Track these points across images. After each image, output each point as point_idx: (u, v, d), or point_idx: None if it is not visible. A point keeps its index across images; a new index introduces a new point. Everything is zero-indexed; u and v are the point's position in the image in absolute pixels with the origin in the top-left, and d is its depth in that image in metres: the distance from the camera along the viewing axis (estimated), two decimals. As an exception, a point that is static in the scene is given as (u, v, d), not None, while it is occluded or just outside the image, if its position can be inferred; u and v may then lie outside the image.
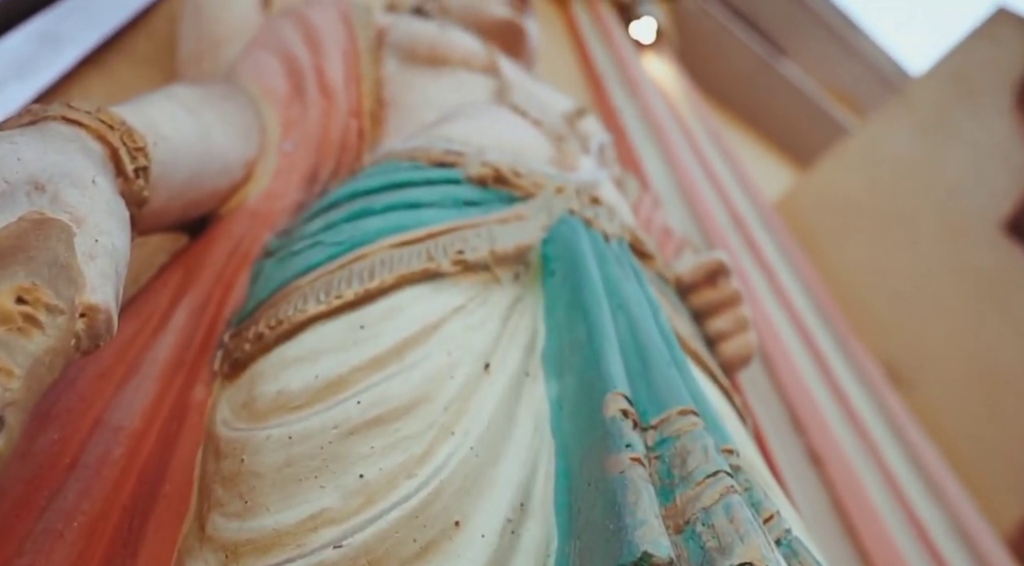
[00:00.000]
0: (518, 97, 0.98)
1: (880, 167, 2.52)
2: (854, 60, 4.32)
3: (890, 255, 2.47)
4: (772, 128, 4.06)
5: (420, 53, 1.00)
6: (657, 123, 2.33)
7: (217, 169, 0.68)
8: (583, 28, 2.79)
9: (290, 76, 0.88)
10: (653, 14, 2.99)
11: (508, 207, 0.72)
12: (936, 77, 2.37)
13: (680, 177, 2.10)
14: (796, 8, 4.05)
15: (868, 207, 2.56)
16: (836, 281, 2.59)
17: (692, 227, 1.96)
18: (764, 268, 1.97)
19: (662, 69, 2.98)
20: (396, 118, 0.94)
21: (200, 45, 0.97)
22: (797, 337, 1.76)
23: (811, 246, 2.70)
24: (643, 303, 0.64)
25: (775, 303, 1.87)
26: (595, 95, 2.47)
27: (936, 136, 2.32)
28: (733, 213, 2.12)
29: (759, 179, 3.10)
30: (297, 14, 0.99)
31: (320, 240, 0.63)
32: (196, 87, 0.72)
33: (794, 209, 2.90)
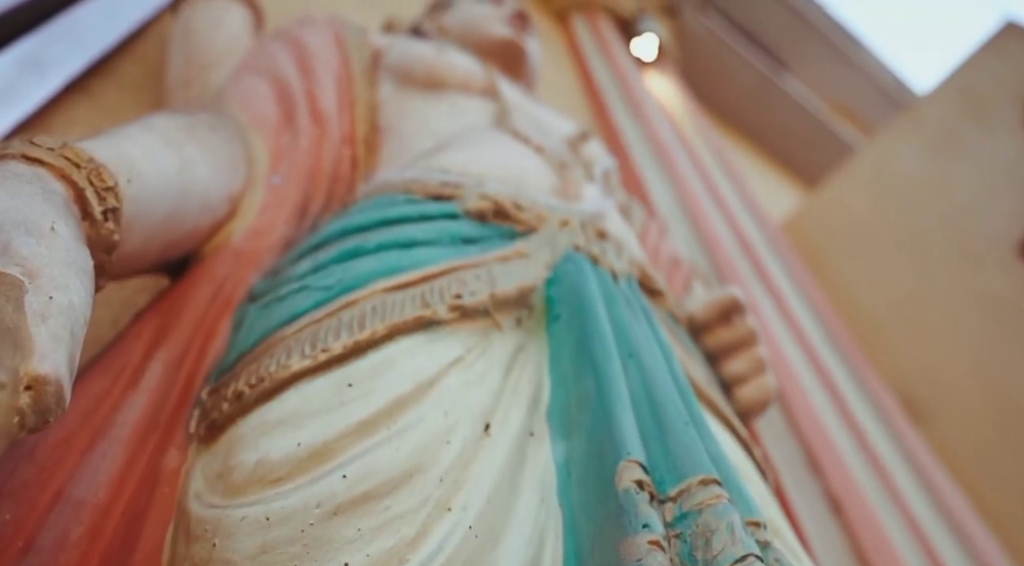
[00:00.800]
0: (519, 121, 0.94)
1: (888, 186, 2.48)
2: (856, 75, 4.31)
3: (901, 279, 2.42)
4: (775, 145, 4.03)
5: (416, 76, 0.96)
6: (661, 143, 2.30)
7: (198, 206, 0.64)
8: (584, 45, 2.77)
9: (280, 102, 0.85)
10: (654, 31, 2.97)
11: (509, 243, 0.67)
12: (944, 94, 2.34)
13: (686, 200, 2.07)
14: (797, 23, 4.04)
15: (877, 228, 2.52)
16: (847, 305, 2.54)
17: (699, 252, 1.91)
18: (775, 296, 1.93)
19: (664, 86, 2.95)
20: (391, 145, 0.90)
21: (189, 70, 0.94)
22: (810, 369, 1.71)
23: (820, 268, 2.65)
24: (655, 350, 0.60)
25: (787, 333, 1.82)
26: (597, 114, 2.44)
27: (945, 154, 2.29)
28: (741, 238, 2.07)
29: (764, 198, 3.07)
30: (289, 36, 0.96)
31: (307, 284, 0.59)
32: (177, 116, 0.68)
33: (801, 230, 2.86)
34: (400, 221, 0.66)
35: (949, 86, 2.33)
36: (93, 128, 0.98)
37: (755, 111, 3.86)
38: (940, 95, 2.36)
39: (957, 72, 2.32)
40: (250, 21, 1.04)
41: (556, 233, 0.70)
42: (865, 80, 4.35)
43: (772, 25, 3.98)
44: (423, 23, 1.38)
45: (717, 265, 1.87)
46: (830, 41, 4.15)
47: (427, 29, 1.34)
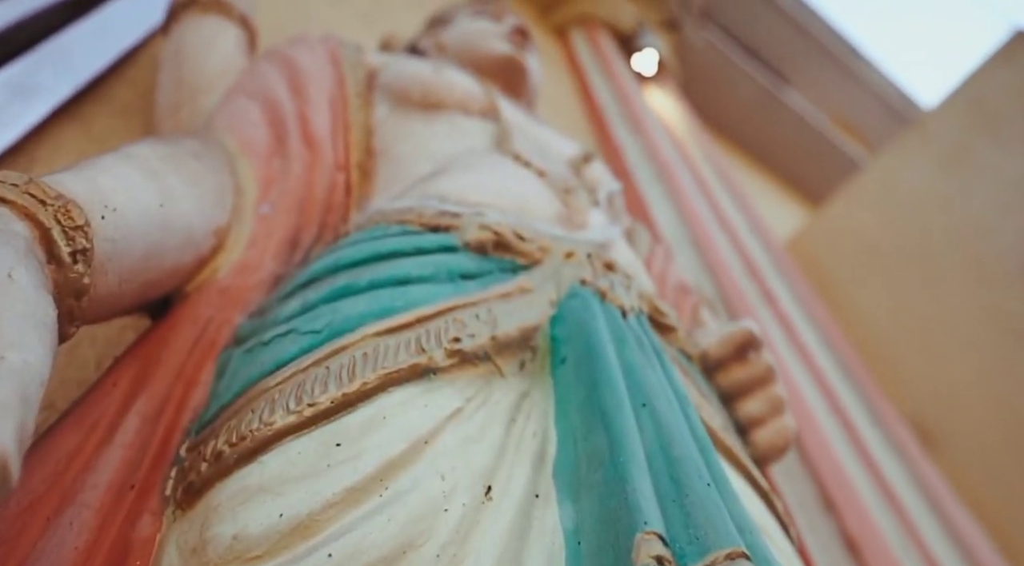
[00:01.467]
0: (520, 144, 0.91)
1: (897, 203, 2.44)
2: (858, 89, 4.29)
3: (913, 298, 2.37)
4: (776, 160, 4.00)
5: (413, 97, 0.93)
6: (664, 162, 2.27)
7: (181, 242, 0.60)
8: (583, 60, 2.74)
9: (271, 126, 0.81)
10: (654, 45, 2.94)
11: (511, 278, 0.63)
12: (952, 107, 2.30)
13: (690, 221, 2.03)
14: (799, 37, 4.03)
15: (885, 246, 2.47)
16: (854, 325, 2.49)
17: (704, 276, 1.87)
18: (783, 322, 1.88)
19: (665, 102, 2.93)
20: (387, 170, 0.86)
21: (178, 94, 0.90)
22: (822, 399, 1.67)
23: (825, 287, 2.61)
24: (670, 397, 0.56)
25: (797, 361, 1.77)
26: (597, 131, 2.41)
27: (957, 169, 2.25)
28: (747, 261, 2.03)
29: (766, 215, 3.03)
30: (281, 56, 0.92)
31: (294, 327, 0.55)
32: (160, 145, 0.64)
33: (806, 248, 2.82)
34: (394, 256, 0.62)
35: (957, 99, 2.30)
36: (82, 155, 0.94)
37: (756, 126, 3.84)
38: (948, 108, 2.32)
39: (965, 84, 2.29)
40: (243, 41, 1.01)
41: (561, 266, 0.66)
42: (868, 94, 4.33)
43: (773, 39, 3.97)
44: (421, 40, 1.35)
45: (723, 289, 1.83)
46: (832, 54, 4.13)
47: (425, 46, 1.31)
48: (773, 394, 0.78)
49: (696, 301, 1.18)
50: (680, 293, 1.17)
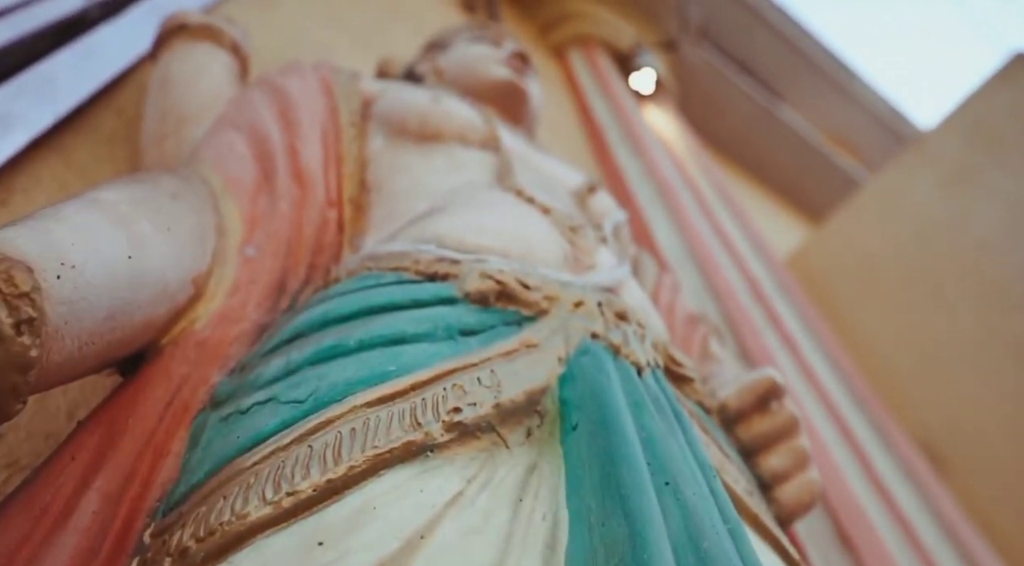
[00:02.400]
0: (522, 177, 0.84)
1: (899, 221, 2.39)
2: (850, 105, 4.26)
3: (919, 317, 2.31)
4: (773, 176, 3.96)
5: (410, 127, 0.87)
6: (664, 181, 2.21)
7: (152, 295, 0.53)
8: (582, 81, 2.70)
9: (259, 161, 0.75)
10: (652, 65, 2.90)
11: (515, 332, 0.57)
12: (953, 127, 2.25)
13: (692, 243, 1.97)
14: (792, 55, 3.99)
15: (889, 264, 2.42)
16: (857, 343, 2.43)
17: (708, 299, 1.81)
18: (788, 343, 1.82)
19: (663, 121, 2.88)
20: (381, 206, 0.80)
21: (164, 125, 0.84)
22: (831, 424, 1.60)
23: (827, 305, 2.55)
24: (695, 472, 0.49)
25: (803, 383, 1.71)
26: (597, 152, 2.36)
27: (959, 188, 2.19)
28: (752, 283, 1.97)
29: (765, 231, 2.98)
30: (271, 84, 0.86)
31: (275, 395, 0.48)
32: (133, 186, 0.58)
33: (807, 265, 2.76)
34: (387, 309, 0.56)
35: (957, 120, 2.25)
36: (63, 186, 0.88)
37: (752, 142, 3.79)
38: (948, 129, 2.27)
39: (965, 105, 2.24)
40: (234, 69, 0.95)
41: (569, 317, 0.59)
42: (859, 109, 4.30)
43: (766, 56, 3.93)
44: (418, 65, 1.29)
45: (728, 312, 1.77)
46: (824, 72, 4.10)
47: (423, 71, 1.26)
48: (797, 447, 0.71)
49: (705, 333, 1.12)
50: (689, 325, 1.11)
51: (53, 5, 1.08)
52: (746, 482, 0.62)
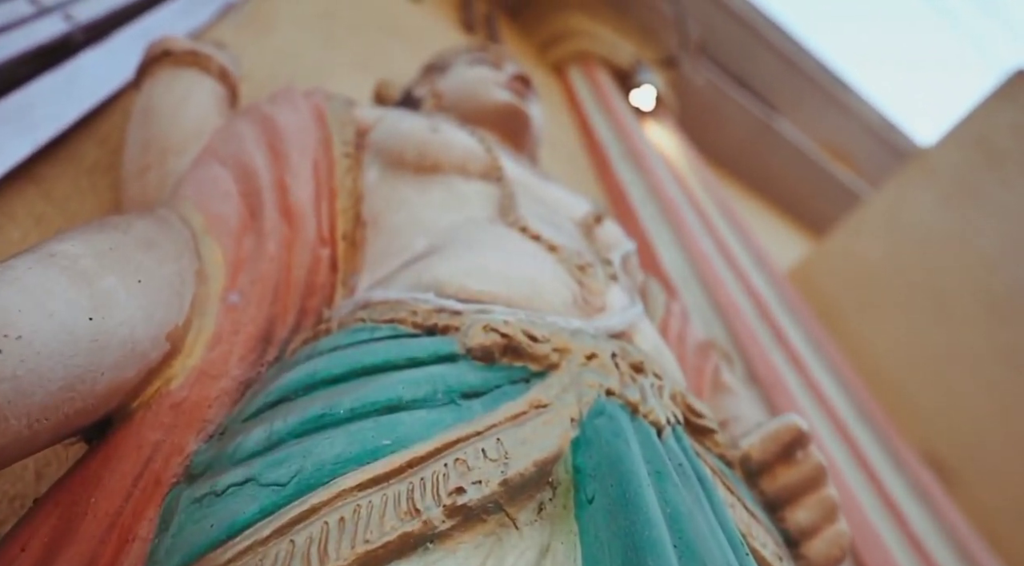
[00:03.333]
0: (526, 210, 0.79)
1: (903, 236, 2.33)
2: (844, 117, 4.22)
3: (923, 331, 2.26)
4: (773, 190, 3.91)
5: (407, 159, 0.81)
6: (667, 199, 2.16)
7: (119, 358, 0.47)
8: (583, 98, 2.65)
9: (245, 197, 0.69)
10: (652, 81, 2.85)
11: (523, 392, 0.51)
12: (956, 142, 2.21)
13: (696, 259, 1.91)
14: (787, 69, 3.96)
15: (892, 278, 2.36)
16: (860, 356, 2.38)
17: (712, 315, 1.75)
18: (794, 361, 1.76)
19: (664, 137, 2.83)
20: (377, 243, 0.74)
21: (146, 156, 0.78)
22: (842, 445, 1.54)
23: (830, 319, 2.50)
24: (726, 553, 0.43)
25: (811, 401, 1.65)
26: (599, 170, 2.31)
27: (963, 204, 2.14)
28: (756, 299, 1.91)
29: (766, 246, 2.92)
30: (260, 114, 0.81)
31: (255, 475, 0.42)
32: (99, 234, 0.52)
33: (808, 278, 2.71)
34: (382, 369, 0.50)
35: (960, 135, 2.20)
36: (40, 220, 0.82)
37: (751, 157, 3.75)
38: (951, 144, 2.23)
39: (967, 121, 2.20)
40: (222, 97, 0.90)
41: (582, 372, 0.53)
42: (855, 122, 4.26)
43: (763, 70, 3.89)
44: (416, 88, 1.24)
45: (734, 332, 1.71)
46: (820, 85, 4.07)
47: (421, 95, 1.20)
48: (825, 498, 0.65)
49: (716, 363, 1.06)
50: (700, 355, 1.05)
51: (35, 29, 1.02)
52: (774, 545, 0.56)
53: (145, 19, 1.21)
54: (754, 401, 1.44)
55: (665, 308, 1.06)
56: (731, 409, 0.93)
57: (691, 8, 3.04)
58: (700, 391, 0.99)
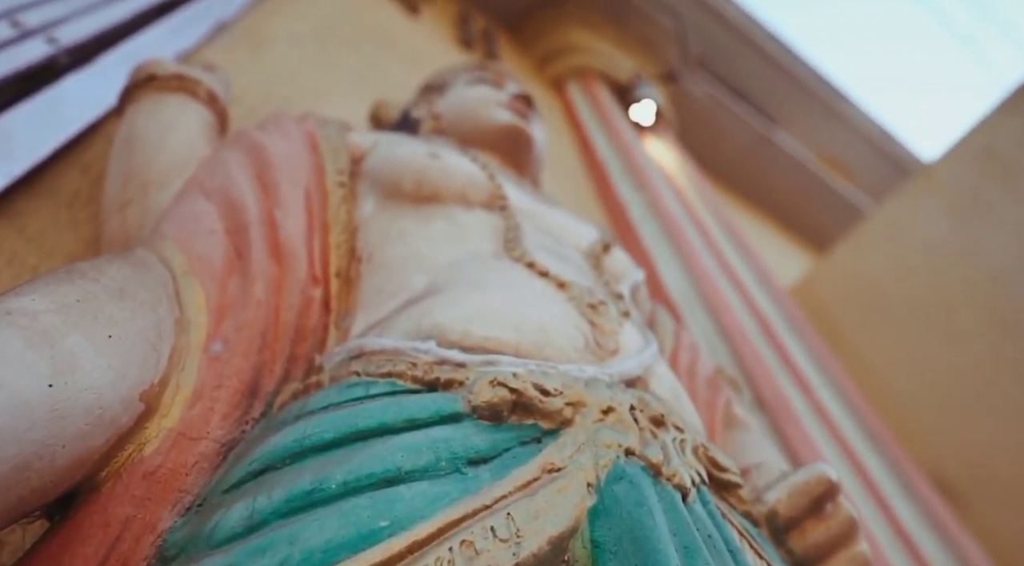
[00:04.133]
0: (532, 241, 0.74)
1: (908, 251, 2.29)
2: (843, 129, 4.19)
3: (930, 349, 2.21)
4: (774, 203, 3.87)
5: (405, 188, 0.76)
6: (668, 217, 2.11)
7: (84, 427, 0.42)
8: (582, 114, 2.61)
9: (231, 235, 0.64)
10: (652, 96, 2.81)
11: (534, 454, 0.46)
12: (962, 155, 2.16)
13: (699, 280, 1.86)
14: (785, 80, 3.93)
15: (898, 295, 2.32)
16: (864, 374, 2.33)
17: (717, 338, 1.70)
18: (800, 383, 1.71)
19: (664, 152, 2.79)
20: (373, 279, 0.69)
21: (127, 189, 0.73)
22: (854, 475, 1.49)
23: (833, 335, 2.45)
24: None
25: (818, 424, 1.60)
26: (599, 187, 2.27)
27: (970, 217, 2.10)
28: (760, 320, 1.87)
29: (767, 260, 2.88)
30: (250, 142, 0.76)
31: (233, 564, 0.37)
32: (66, 285, 0.47)
33: (811, 294, 2.66)
34: (378, 433, 0.44)
35: (967, 147, 2.16)
36: (12, 259, 0.77)
37: (750, 170, 3.71)
38: (958, 156, 2.18)
39: (974, 133, 2.16)
40: (211, 124, 0.85)
41: (598, 429, 0.48)
42: (854, 134, 4.23)
43: (760, 82, 3.86)
44: (414, 109, 1.19)
45: (739, 354, 1.66)
46: (818, 97, 4.04)
47: (419, 116, 1.16)
48: (857, 554, 0.60)
49: (728, 397, 1.01)
50: (711, 389, 0.99)
51: (17, 52, 0.98)
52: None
53: (132, 40, 1.16)
54: (767, 437, 1.39)
55: (674, 338, 1.01)
56: (749, 450, 0.89)
57: (690, 21, 3.01)
58: (712, 426, 0.94)
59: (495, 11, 2.80)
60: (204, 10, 1.37)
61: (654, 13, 2.83)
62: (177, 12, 1.33)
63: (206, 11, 1.37)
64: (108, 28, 1.17)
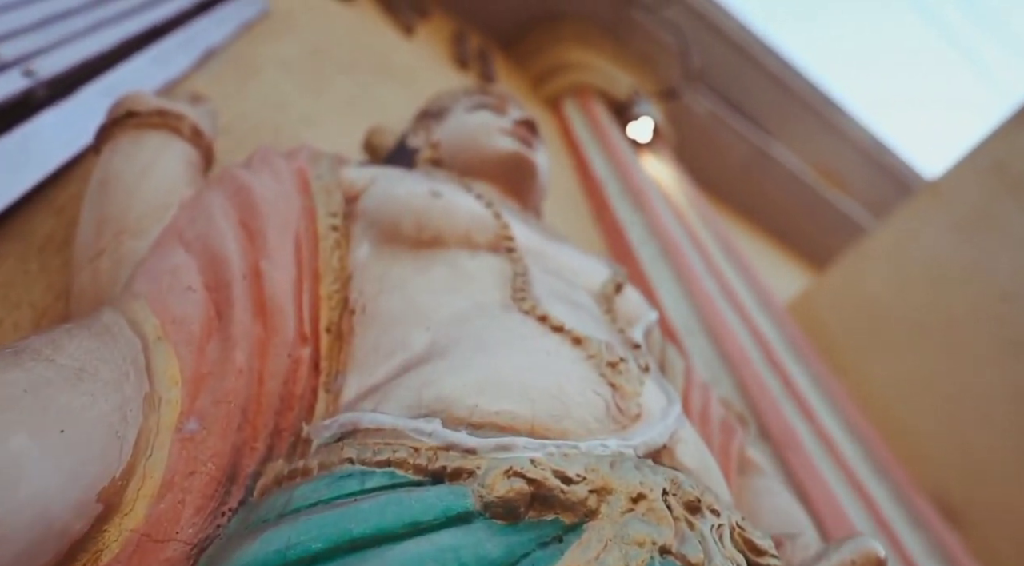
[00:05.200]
0: (541, 288, 0.67)
1: (912, 268, 2.23)
2: (840, 142, 4.15)
3: (934, 368, 2.15)
4: (770, 218, 3.82)
5: (404, 231, 0.69)
6: (667, 238, 2.05)
7: (25, 545, 0.35)
8: (579, 132, 2.55)
9: (212, 291, 0.57)
10: (650, 113, 2.76)
11: (555, 557, 0.39)
12: (970, 169, 2.11)
13: (699, 304, 1.80)
14: (781, 93, 3.89)
15: (901, 313, 2.25)
16: (864, 392, 2.27)
17: (719, 365, 1.64)
18: (804, 411, 1.64)
19: (661, 170, 2.74)
20: (368, 336, 0.62)
21: (100, 238, 0.66)
22: (861, 507, 1.42)
23: (832, 353, 2.39)
24: None
25: (829, 462, 1.53)
26: (596, 207, 2.21)
27: (978, 233, 2.04)
28: (763, 345, 1.80)
29: (764, 275, 2.82)
30: (235, 184, 0.69)
31: None
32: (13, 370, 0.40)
33: (810, 311, 2.60)
34: (376, 541, 0.38)
35: (975, 161, 2.10)
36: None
37: (748, 185, 3.66)
38: (965, 171, 2.12)
39: (982, 147, 2.10)
40: (193, 162, 0.78)
41: (627, 522, 0.41)
42: (851, 147, 4.19)
43: (756, 94, 3.82)
44: (411, 137, 1.13)
45: (742, 383, 1.59)
46: (815, 109, 4.00)
47: (416, 145, 1.09)
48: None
49: (741, 441, 0.95)
50: (725, 433, 0.93)
51: (-9, 86, 0.91)
52: None
53: (115, 71, 1.10)
54: (778, 476, 1.33)
55: (685, 378, 0.94)
56: (765, 499, 0.83)
57: (691, 35, 2.97)
58: (728, 473, 0.87)
59: (490, 29, 2.75)
60: (192, 37, 1.31)
61: (654, 29, 2.79)
62: (163, 40, 1.26)
63: (194, 38, 1.31)
64: (90, 57, 1.11)
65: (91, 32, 1.15)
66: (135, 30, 1.22)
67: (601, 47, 2.77)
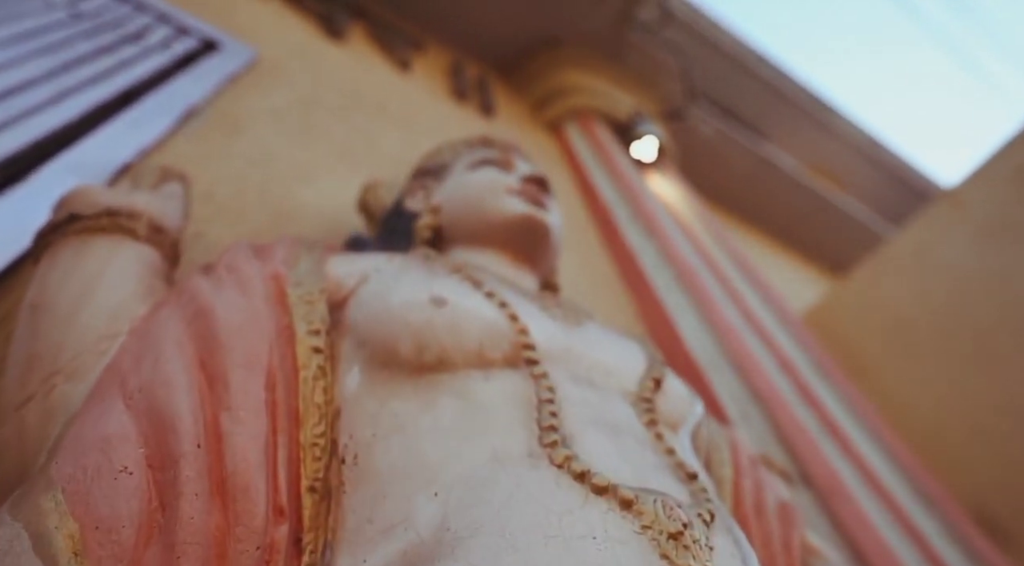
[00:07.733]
0: (573, 418, 0.52)
1: (934, 276, 2.07)
2: (832, 139, 3.98)
3: (963, 378, 1.98)
4: (781, 228, 3.66)
5: (402, 354, 0.54)
6: (682, 263, 1.89)
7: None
8: (582, 156, 2.39)
9: (155, 470, 0.42)
10: (653, 132, 2.60)
11: None
12: (991, 175, 1.95)
13: (721, 334, 1.64)
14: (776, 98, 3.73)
15: (923, 323, 2.09)
16: (888, 404, 2.11)
17: (747, 399, 1.48)
18: (846, 449, 1.48)
19: (668, 188, 2.57)
20: (360, 497, 0.47)
21: (29, 379, 0.52)
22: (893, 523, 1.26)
23: (852, 363, 2.23)
24: None
25: (868, 495, 1.37)
26: (606, 235, 2.05)
27: (1000, 239, 1.88)
28: (792, 375, 1.64)
29: (779, 286, 2.66)
30: (194, 307, 0.54)
31: None
32: None
33: (827, 322, 2.44)
34: None
35: (996, 166, 1.94)
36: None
37: (753, 195, 3.50)
38: (986, 177, 1.96)
39: (1002, 153, 1.94)
40: (152, 266, 0.63)
41: None
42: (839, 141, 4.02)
43: (759, 106, 3.66)
44: (408, 198, 0.98)
45: (776, 421, 1.43)
46: (810, 112, 3.83)
47: (414, 209, 0.94)
48: None
49: (802, 531, 0.80)
50: (784, 524, 0.78)
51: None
52: None
53: (82, 143, 0.95)
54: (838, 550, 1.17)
55: (732, 466, 0.79)
56: None
57: (690, 53, 2.81)
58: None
59: (488, 58, 2.60)
60: (171, 95, 1.17)
61: (652, 49, 2.63)
62: (141, 101, 1.12)
63: (173, 96, 1.17)
64: (56, 129, 0.96)
65: (60, 101, 1.01)
66: (106, 95, 1.08)
67: (600, 69, 2.61)
